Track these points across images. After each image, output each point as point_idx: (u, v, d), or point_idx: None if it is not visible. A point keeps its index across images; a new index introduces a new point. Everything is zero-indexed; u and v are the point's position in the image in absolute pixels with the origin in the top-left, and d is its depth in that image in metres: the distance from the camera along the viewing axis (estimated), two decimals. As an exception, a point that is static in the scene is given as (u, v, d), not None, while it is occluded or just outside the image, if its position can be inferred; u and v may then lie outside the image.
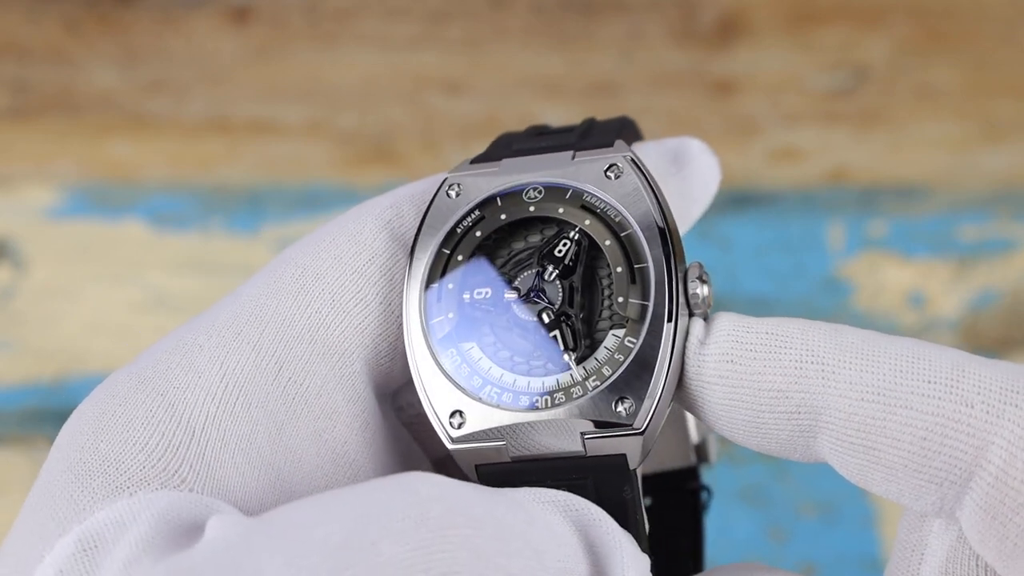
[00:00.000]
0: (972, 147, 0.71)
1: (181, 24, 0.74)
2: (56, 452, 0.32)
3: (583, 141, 0.36)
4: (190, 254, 0.69)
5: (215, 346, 0.33)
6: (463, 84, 0.73)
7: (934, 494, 0.30)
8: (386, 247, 0.35)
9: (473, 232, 0.35)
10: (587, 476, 0.33)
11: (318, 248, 0.35)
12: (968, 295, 0.68)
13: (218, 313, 0.34)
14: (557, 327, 0.33)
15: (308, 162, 0.71)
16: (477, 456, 0.33)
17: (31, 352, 0.67)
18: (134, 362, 0.34)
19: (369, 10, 0.75)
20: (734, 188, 0.70)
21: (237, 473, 0.32)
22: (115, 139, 0.72)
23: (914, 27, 0.74)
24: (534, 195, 0.35)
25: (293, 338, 0.34)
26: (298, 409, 0.34)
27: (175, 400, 0.32)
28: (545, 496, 0.32)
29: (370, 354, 0.35)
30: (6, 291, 0.69)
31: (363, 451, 0.35)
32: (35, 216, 0.70)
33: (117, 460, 0.31)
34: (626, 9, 0.74)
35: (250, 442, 0.32)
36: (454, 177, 0.36)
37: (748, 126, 0.72)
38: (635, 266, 0.33)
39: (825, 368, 0.30)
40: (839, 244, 0.69)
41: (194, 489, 0.31)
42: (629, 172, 0.34)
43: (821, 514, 0.64)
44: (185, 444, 0.32)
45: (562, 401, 0.32)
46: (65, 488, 0.31)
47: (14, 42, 0.74)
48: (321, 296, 0.34)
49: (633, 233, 0.34)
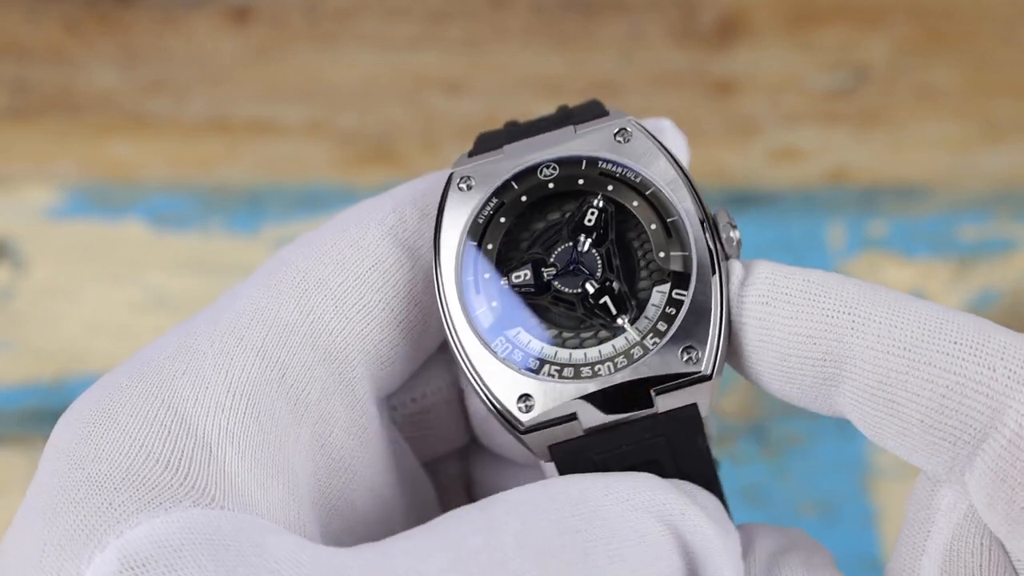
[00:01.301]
0: (972, 147, 0.71)
1: (181, 24, 0.74)
2: (62, 456, 0.32)
3: (576, 117, 0.36)
4: (190, 254, 0.69)
5: (218, 352, 0.33)
6: (463, 84, 0.73)
7: (946, 452, 0.31)
8: (389, 252, 0.35)
9: (497, 219, 0.35)
10: (660, 433, 0.33)
11: (319, 252, 0.35)
12: (968, 295, 0.68)
13: (218, 316, 0.34)
14: (604, 294, 0.34)
15: (308, 162, 0.71)
16: (550, 436, 0.33)
17: (31, 352, 0.67)
18: (133, 364, 0.33)
19: (369, 10, 0.75)
20: (734, 188, 0.70)
21: (258, 486, 0.32)
22: (115, 139, 0.72)
23: (914, 27, 0.74)
24: (549, 172, 0.35)
25: (296, 343, 0.34)
26: (300, 415, 0.33)
27: (186, 414, 0.32)
28: (641, 502, 0.31)
29: (371, 360, 0.35)
30: (6, 291, 0.69)
31: (360, 457, 0.35)
32: (35, 216, 0.70)
33: (140, 474, 0.31)
34: (626, 9, 0.74)
35: (263, 452, 0.32)
36: (461, 171, 0.35)
37: (748, 126, 0.72)
38: (668, 220, 0.34)
39: (856, 319, 0.31)
40: (839, 244, 0.69)
41: (225, 507, 0.31)
42: (638, 134, 0.35)
43: (821, 514, 0.64)
44: (205, 460, 0.31)
45: (624, 364, 0.33)
46: (88, 497, 0.30)
47: (14, 42, 0.74)
48: (324, 302, 0.34)
49: (657, 190, 0.34)
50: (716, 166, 0.71)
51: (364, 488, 0.35)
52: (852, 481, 0.64)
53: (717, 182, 0.71)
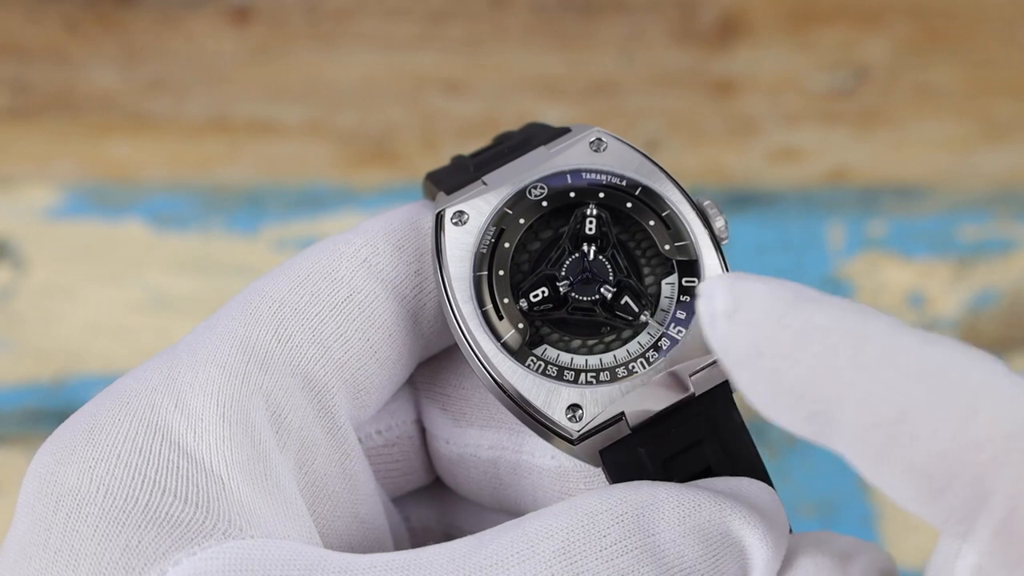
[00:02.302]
0: (972, 147, 0.71)
1: (181, 24, 0.74)
2: (67, 495, 0.31)
3: (539, 138, 0.37)
4: (190, 254, 0.69)
5: (203, 383, 0.33)
6: (463, 84, 0.73)
7: (939, 520, 0.30)
8: (364, 284, 0.35)
9: (501, 244, 0.36)
10: (700, 413, 0.34)
11: (293, 283, 0.35)
12: (968, 295, 0.68)
13: (197, 347, 0.34)
14: (623, 295, 0.35)
15: (308, 162, 0.71)
16: (602, 441, 0.34)
17: (31, 352, 0.67)
18: (120, 398, 0.33)
19: (369, 10, 0.75)
20: (734, 188, 0.70)
21: (272, 514, 0.32)
22: (115, 139, 0.72)
23: (914, 27, 0.74)
24: (539, 192, 0.36)
25: (276, 370, 0.34)
26: (284, 442, 0.33)
27: (188, 448, 0.32)
28: (688, 516, 0.32)
29: (349, 388, 0.35)
30: (6, 291, 0.69)
31: (342, 484, 0.35)
32: (35, 216, 0.70)
33: (161, 511, 0.31)
34: (626, 9, 0.74)
35: (267, 481, 0.32)
36: (450, 207, 0.36)
37: (748, 126, 0.72)
38: (663, 214, 0.36)
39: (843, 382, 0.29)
40: (839, 244, 0.69)
41: (254, 536, 0.31)
42: (610, 140, 0.37)
43: (821, 514, 0.64)
44: (220, 492, 0.31)
45: (655, 357, 0.34)
46: (114, 537, 0.30)
47: (14, 42, 0.74)
48: (301, 331, 0.34)
49: (646, 187, 0.36)
50: (716, 166, 0.71)
51: (349, 515, 0.35)
52: (852, 482, 0.64)
53: (717, 182, 0.71)
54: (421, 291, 0.36)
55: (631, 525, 0.31)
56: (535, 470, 0.36)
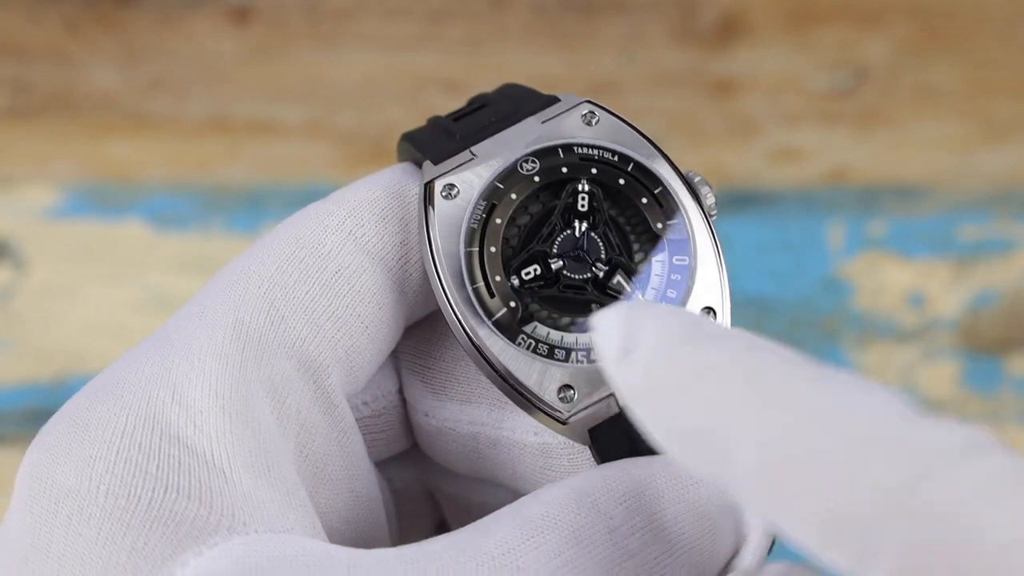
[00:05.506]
0: (972, 147, 0.71)
1: (181, 24, 0.74)
2: (66, 496, 0.31)
3: (527, 107, 0.37)
4: (190, 254, 0.69)
5: (199, 373, 0.32)
6: (463, 84, 0.73)
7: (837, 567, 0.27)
8: (352, 258, 0.35)
9: (492, 220, 0.35)
10: None
11: (279, 260, 0.34)
12: (968, 295, 0.68)
13: (189, 335, 0.33)
14: (615, 272, 0.35)
15: (308, 162, 0.71)
16: (592, 419, 0.34)
17: (31, 352, 0.67)
18: (113, 390, 0.32)
19: (369, 10, 0.75)
20: (734, 188, 0.70)
21: (277, 507, 0.31)
22: (115, 139, 0.72)
23: (914, 27, 0.74)
24: (530, 167, 0.36)
25: (272, 354, 0.33)
26: (284, 428, 0.33)
27: (190, 442, 0.31)
28: (686, 493, 0.32)
29: (343, 366, 0.34)
30: (6, 291, 0.69)
31: (341, 464, 0.35)
32: (35, 216, 0.70)
33: (165, 508, 0.30)
34: (626, 9, 0.74)
35: (271, 471, 0.32)
36: (440, 180, 0.35)
37: (748, 126, 0.72)
38: (655, 191, 0.35)
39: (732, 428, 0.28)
40: (839, 244, 0.69)
41: (259, 530, 0.30)
42: (601, 113, 0.36)
43: (821, 514, 0.64)
44: (222, 486, 0.31)
45: None
46: (119, 539, 0.29)
47: (14, 42, 0.74)
48: (294, 312, 0.34)
49: (638, 163, 0.36)
50: (716, 166, 0.71)
51: (346, 492, 0.35)
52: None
53: (717, 182, 0.70)
54: (407, 261, 0.36)
55: (634, 504, 0.31)
56: (516, 445, 0.36)
